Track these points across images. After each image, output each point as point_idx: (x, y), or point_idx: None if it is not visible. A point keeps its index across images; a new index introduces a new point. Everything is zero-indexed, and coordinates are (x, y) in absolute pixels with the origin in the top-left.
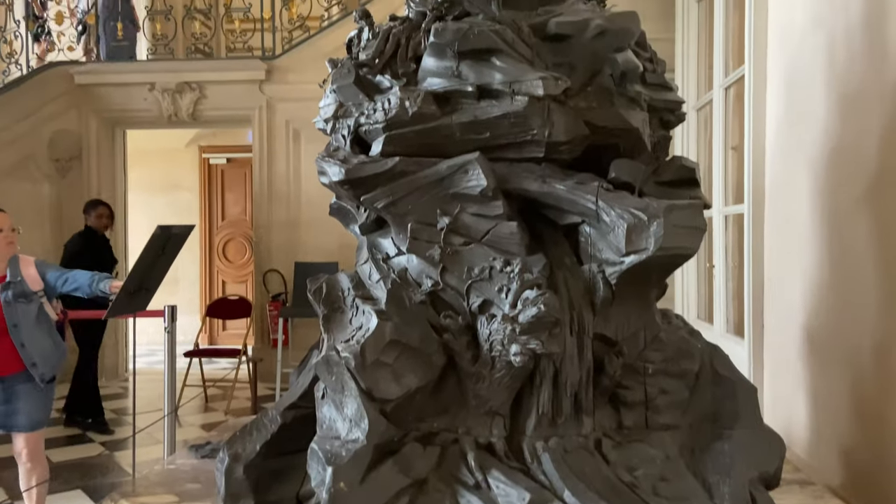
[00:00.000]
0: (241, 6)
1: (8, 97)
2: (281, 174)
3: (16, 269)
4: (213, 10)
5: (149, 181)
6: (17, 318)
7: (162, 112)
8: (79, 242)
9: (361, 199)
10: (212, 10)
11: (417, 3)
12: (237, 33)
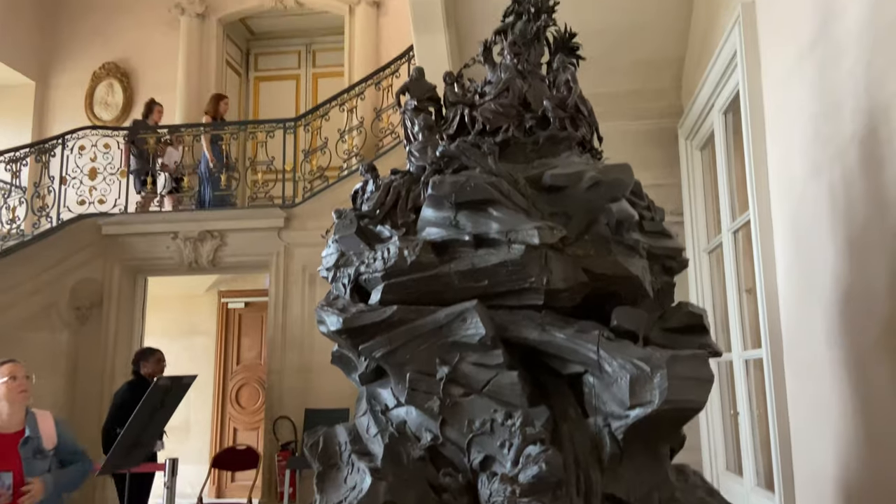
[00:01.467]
0: (264, 159)
1: (36, 248)
2: (296, 318)
3: (34, 425)
4: (239, 162)
5: (166, 326)
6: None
7: (183, 259)
8: (128, 392)
9: (360, 348)
10: (237, 163)
11: (417, 157)
12: (260, 183)
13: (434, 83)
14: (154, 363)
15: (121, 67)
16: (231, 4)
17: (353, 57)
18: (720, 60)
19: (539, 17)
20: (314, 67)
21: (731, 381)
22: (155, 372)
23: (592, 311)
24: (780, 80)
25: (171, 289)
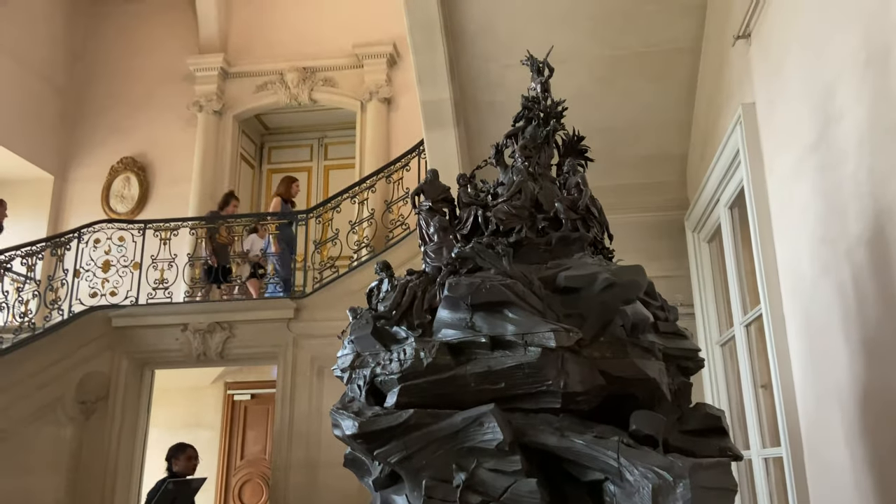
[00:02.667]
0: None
1: (45, 342)
2: (303, 412)
3: None
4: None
5: (171, 419)
6: None
7: (192, 351)
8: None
9: (375, 453)
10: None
11: (433, 258)
12: (270, 274)
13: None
14: (185, 460)
15: (138, 161)
16: (247, 101)
17: (365, 150)
18: (723, 157)
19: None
20: (326, 160)
21: (750, 479)
22: (186, 469)
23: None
24: (785, 178)
25: (178, 381)
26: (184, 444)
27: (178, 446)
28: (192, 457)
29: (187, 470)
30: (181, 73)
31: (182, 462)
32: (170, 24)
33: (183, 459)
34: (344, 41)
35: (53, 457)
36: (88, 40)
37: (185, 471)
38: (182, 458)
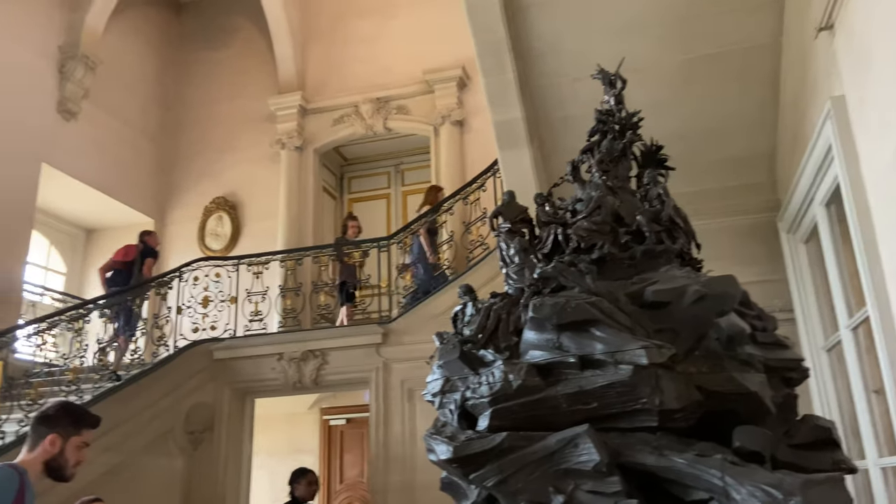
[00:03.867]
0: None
1: (155, 376)
2: (397, 435)
3: None
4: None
5: (272, 446)
6: None
7: (288, 379)
8: None
9: (471, 477)
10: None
11: (515, 279)
12: (357, 300)
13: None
14: (305, 485)
15: (229, 201)
16: (326, 135)
17: (440, 174)
18: (815, 154)
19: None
20: (403, 186)
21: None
22: (306, 495)
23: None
24: (883, 172)
25: (276, 408)
26: (304, 469)
27: (299, 471)
28: (312, 482)
29: (307, 495)
30: (263, 113)
31: (302, 487)
32: (250, 68)
33: (303, 484)
34: (414, 69)
35: (167, 486)
36: (177, 91)
37: (305, 496)
38: (303, 482)
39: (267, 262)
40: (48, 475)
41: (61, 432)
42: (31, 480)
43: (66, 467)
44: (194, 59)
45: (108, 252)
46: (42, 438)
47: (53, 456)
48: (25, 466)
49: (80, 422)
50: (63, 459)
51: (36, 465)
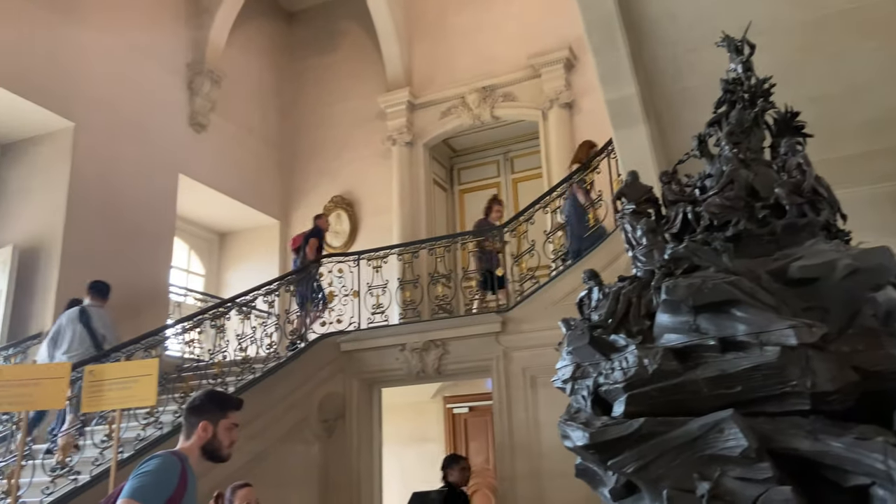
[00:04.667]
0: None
1: (290, 368)
2: (521, 423)
3: None
4: (453, 273)
5: (399, 434)
6: None
7: (411, 369)
8: (440, 501)
9: (608, 463)
10: (452, 274)
11: (644, 261)
12: (474, 290)
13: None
14: (458, 471)
15: (346, 199)
16: (434, 129)
17: (550, 158)
18: None
19: (755, 102)
20: (513, 173)
21: None
22: (460, 480)
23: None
24: None
25: (401, 398)
26: (457, 456)
27: (452, 458)
28: (465, 468)
29: (461, 481)
30: (374, 112)
31: (456, 473)
32: (359, 69)
33: (457, 470)
34: (518, 54)
35: (305, 472)
36: (292, 97)
37: (459, 481)
38: (456, 468)
39: (385, 256)
40: (207, 458)
41: (210, 418)
42: (191, 466)
43: (222, 448)
44: (307, 66)
45: (240, 254)
46: (195, 426)
47: (208, 440)
48: (185, 453)
49: (225, 405)
50: (217, 442)
51: (194, 450)
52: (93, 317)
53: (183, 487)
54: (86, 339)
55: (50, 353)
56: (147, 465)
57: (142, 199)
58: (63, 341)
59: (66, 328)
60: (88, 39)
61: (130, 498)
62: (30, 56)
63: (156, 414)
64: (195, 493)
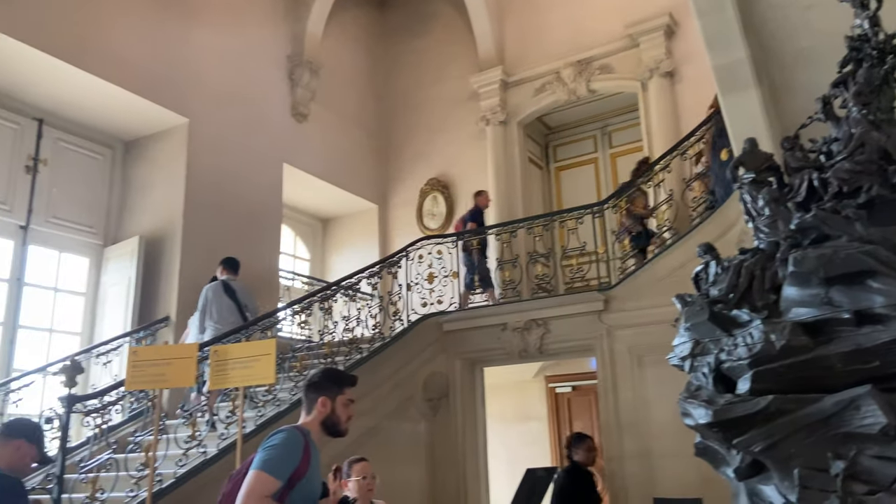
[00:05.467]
0: (576, 245)
1: (394, 348)
2: (627, 402)
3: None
4: (552, 252)
5: (502, 413)
6: None
7: (513, 348)
8: (565, 479)
9: (734, 442)
10: (551, 253)
11: (767, 232)
12: (574, 268)
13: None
14: (584, 451)
15: (441, 181)
16: (528, 106)
17: (651, 131)
18: None
19: (884, 60)
20: (611, 148)
21: None
22: (586, 460)
23: None
24: None
25: (503, 377)
26: (583, 435)
27: (577, 437)
28: (591, 448)
29: (587, 460)
30: (467, 92)
31: (582, 452)
32: (451, 51)
33: (583, 450)
34: (615, 24)
35: (413, 448)
36: (386, 82)
37: (585, 461)
38: (582, 448)
39: (483, 236)
40: (326, 432)
41: (328, 394)
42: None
43: (340, 423)
44: (400, 51)
45: (342, 238)
46: (314, 402)
47: (327, 415)
48: (308, 427)
49: (341, 382)
50: (336, 417)
51: (315, 425)
52: (237, 290)
53: (307, 460)
54: (233, 310)
55: (202, 324)
56: (273, 439)
57: (251, 189)
58: (213, 312)
59: (214, 301)
60: (199, 39)
61: (260, 469)
62: (149, 59)
63: (273, 392)
64: (318, 465)
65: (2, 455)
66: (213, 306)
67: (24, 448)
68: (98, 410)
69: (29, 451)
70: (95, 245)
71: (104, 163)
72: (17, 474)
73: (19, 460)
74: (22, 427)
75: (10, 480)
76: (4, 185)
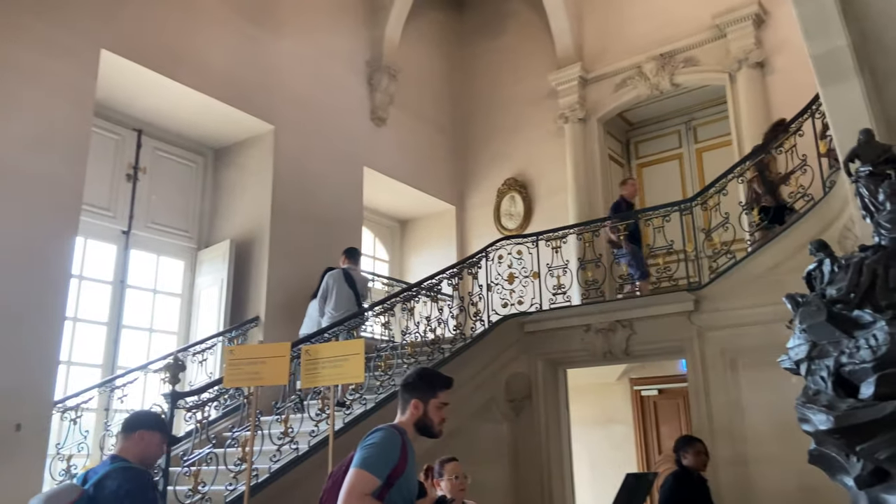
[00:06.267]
0: (662, 244)
1: (476, 349)
2: (720, 406)
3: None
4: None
5: (584, 415)
6: None
7: (597, 350)
8: (673, 483)
9: (857, 448)
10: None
11: (889, 228)
12: (661, 267)
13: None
14: (693, 455)
15: (519, 181)
16: (608, 102)
17: (741, 123)
18: None
19: None
20: (696, 143)
21: None
22: (696, 464)
23: None
24: None
25: (584, 379)
26: (691, 437)
27: (685, 439)
28: (700, 451)
29: (698, 465)
30: (544, 91)
31: (691, 456)
32: (528, 49)
33: (692, 453)
34: (700, 15)
35: (495, 449)
36: (463, 83)
37: (694, 465)
38: (690, 451)
39: (564, 235)
40: (420, 433)
41: (421, 396)
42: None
43: (433, 426)
44: (476, 52)
45: (420, 239)
46: (408, 403)
47: (419, 417)
48: (404, 427)
49: (435, 386)
50: (428, 419)
51: (409, 425)
52: (356, 279)
53: (404, 460)
54: (351, 298)
55: (321, 308)
56: (372, 438)
57: (333, 192)
58: (331, 299)
59: (333, 288)
60: (284, 49)
61: (360, 468)
62: (238, 69)
63: (360, 391)
64: (414, 464)
65: (128, 448)
66: (332, 293)
67: (147, 436)
68: (199, 407)
69: (152, 437)
70: (190, 248)
71: (197, 170)
72: (149, 462)
73: (145, 448)
74: (141, 417)
75: (139, 472)
76: (108, 192)
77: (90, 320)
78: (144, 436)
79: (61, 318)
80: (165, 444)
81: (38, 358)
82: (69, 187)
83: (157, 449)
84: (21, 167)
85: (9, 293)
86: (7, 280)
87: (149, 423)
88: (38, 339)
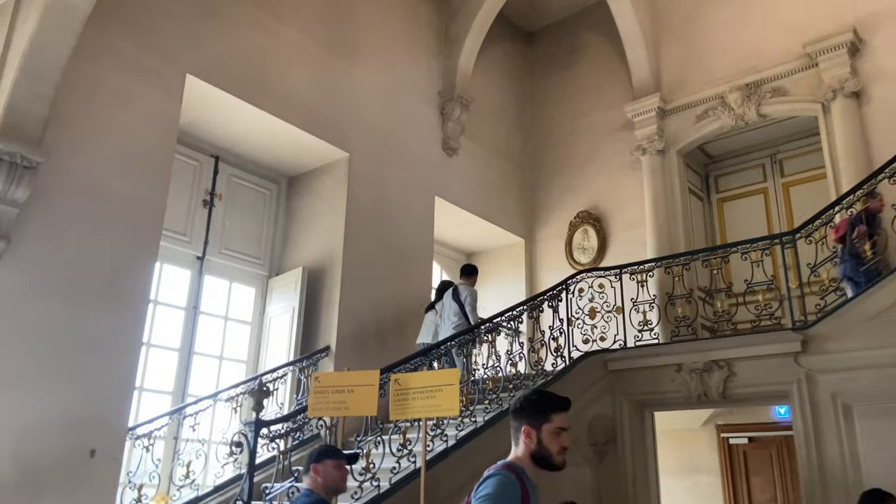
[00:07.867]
0: (762, 279)
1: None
2: (833, 457)
3: None
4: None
5: (668, 463)
6: None
7: (690, 392)
8: None
9: None
10: (732, 288)
11: None
12: (761, 305)
13: None
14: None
15: (592, 214)
16: (689, 134)
17: (837, 155)
18: None
19: None
20: (783, 177)
21: None
22: None
23: None
24: None
25: (666, 424)
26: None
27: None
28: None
29: None
30: (619, 122)
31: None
32: (602, 80)
33: None
34: (790, 44)
35: (578, 494)
36: (534, 114)
37: None
38: None
39: (651, 269)
40: (539, 466)
41: (531, 422)
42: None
43: (551, 456)
44: (548, 83)
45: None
46: (519, 432)
47: (535, 448)
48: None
49: (547, 408)
50: (545, 449)
51: (525, 460)
52: (461, 292)
53: None
54: (458, 312)
55: (436, 321)
56: (486, 488)
57: (404, 221)
58: (444, 313)
59: (446, 302)
60: (360, 76)
61: None
62: (315, 95)
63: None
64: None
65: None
66: (445, 307)
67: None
68: (282, 437)
69: (330, 465)
70: (261, 276)
71: (270, 197)
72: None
73: (324, 476)
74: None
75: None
76: (185, 217)
77: (163, 346)
78: (318, 467)
79: (138, 344)
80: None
81: (115, 383)
82: (152, 211)
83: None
84: (109, 189)
85: (90, 316)
86: (89, 302)
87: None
88: (115, 364)
